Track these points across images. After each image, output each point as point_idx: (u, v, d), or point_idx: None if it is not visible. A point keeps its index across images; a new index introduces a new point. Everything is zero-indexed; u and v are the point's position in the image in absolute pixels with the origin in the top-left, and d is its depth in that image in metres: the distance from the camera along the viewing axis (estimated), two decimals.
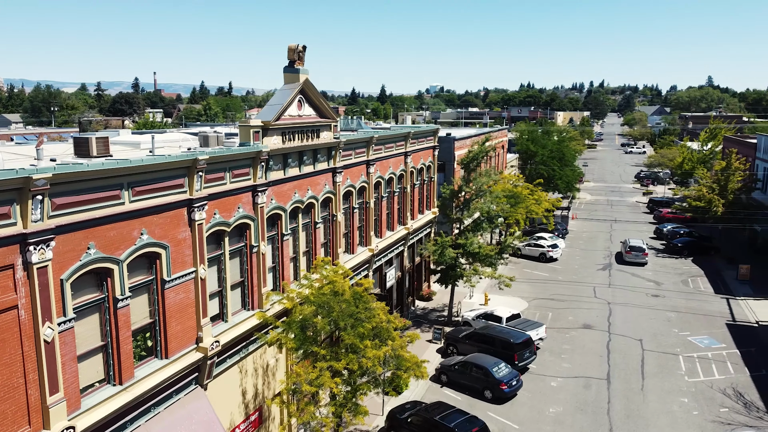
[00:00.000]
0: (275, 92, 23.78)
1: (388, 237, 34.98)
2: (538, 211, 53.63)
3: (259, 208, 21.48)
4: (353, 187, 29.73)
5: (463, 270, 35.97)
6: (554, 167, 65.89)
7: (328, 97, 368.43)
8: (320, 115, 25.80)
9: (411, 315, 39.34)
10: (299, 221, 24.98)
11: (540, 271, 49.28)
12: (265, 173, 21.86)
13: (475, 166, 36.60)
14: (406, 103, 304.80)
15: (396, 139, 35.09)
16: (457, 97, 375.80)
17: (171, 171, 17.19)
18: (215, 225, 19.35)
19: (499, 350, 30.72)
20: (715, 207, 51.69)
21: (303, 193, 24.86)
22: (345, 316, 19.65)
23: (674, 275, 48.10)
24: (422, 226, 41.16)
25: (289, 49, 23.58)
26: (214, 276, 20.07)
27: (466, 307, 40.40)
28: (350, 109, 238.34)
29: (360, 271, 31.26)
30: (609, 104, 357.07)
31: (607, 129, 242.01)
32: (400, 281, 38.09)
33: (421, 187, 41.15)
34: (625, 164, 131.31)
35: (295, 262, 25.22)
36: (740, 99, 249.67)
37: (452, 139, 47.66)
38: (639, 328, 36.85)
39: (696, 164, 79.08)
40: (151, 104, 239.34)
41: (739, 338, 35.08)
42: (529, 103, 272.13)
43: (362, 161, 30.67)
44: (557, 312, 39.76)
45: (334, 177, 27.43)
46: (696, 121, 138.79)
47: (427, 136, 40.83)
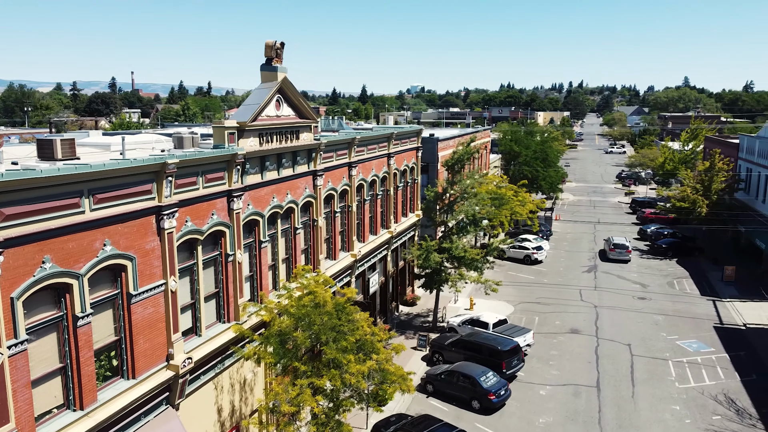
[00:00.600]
0: (252, 92, 22.54)
1: (371, 241, 33.87)
2: (523, 212, 52.69)
3: (234, 214, 20.23)
4: (335, 190, 28.57)
5: (449, 275, 34.99)
6: (538, 168, 65.31)
7: (309, 97, 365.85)
8: (300, 116, 24.60)
9: (395, 321, 38.28)
10: (278, 227, 23.76)
11: (525, 274, 48.55)
12: (241, 177, 20.61)
13: (459, 168, 35.65)
14: (387, 103, 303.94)
15: (378, 141, 34.00)
16: (437, 98, 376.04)
17: (137, 176, 15.89)
18: (187, 233, 18.07)
19: (486, 358, 29.78)
20: (700, 208, 51.41)
21: (282, 198, 23.64)
22: (327, 330, 18.49)
23: (659, 277, 47.68)
24: (406, 229, 40.13)
25: (266, 45, 22.36)
26: (187, 288, 18.78)
27: (451, 312, 39.44)
28: (331, 109, 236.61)
29: (342, 278, 30.11)
30: (588, 104, 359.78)
31: (587, 129, 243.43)
32: (383, 286, 37.00)
33: (405, 190, 40.11)
34: (605, 164, 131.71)
35: (274, 270, 23.99)
36: (717, 99, 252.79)
37: (435, 140, 46.71)
38: (627, 332, 36.20)
39: (677, 164, 79.17)
40: (129, 104, 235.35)
41: (728, 342, 34.58)
42: (510, 104, 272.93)
43: (344, 163, 29.52)
44: (544, 316, 38.98)
45: (315, 180, 26.25)
46: (675, 121, 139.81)
47: (410, 137, 39.80)
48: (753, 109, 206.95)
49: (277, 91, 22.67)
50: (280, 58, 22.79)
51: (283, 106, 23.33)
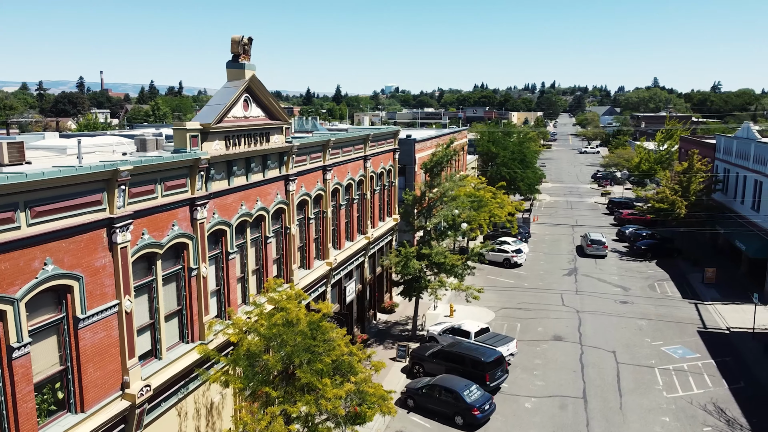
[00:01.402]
0: (217, 91, 20.85)
1: (347, 248, 32.33)
2: (501, 215, 51.85)
3: (198, 224, 18.52)
4: (308, 195, 26.97)
5: (428, 282, 33.61)
6: (516, 169, 64.45)
7: (283, 98, 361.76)
8: (270, 117, 22.96)
9: (372, 330, 36.78)
10: (247, 237, 22.08)
11: (505, 278, 47.47)
12: (206, 184, 18.92)
13: (439, 170, 34.31)
14: (362, 103, 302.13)
15: (354, 142, 32.48)
16: (412, 98, 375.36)
17: (84, 185, 14.13)
18: (144, 247, 16.33)
19: (469, 370, 28.46)
20: (678, 209, 50.98)
21: (251, 205, 21.97)
22: (300, 351, 16.89)
23: (640, 279, 47.04)
24: (384, 234, 38.68)
25: (232, 41, 20.69)
26: (144, 307, 17.03)
27: (430, 320, 38.08)
28: (305, 110, 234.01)
29: (317, 288, 28.52)
30: (561, 105, 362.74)
31: (560, 129, 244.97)
32: (360, 294, 35.49)
33: (382, 193, 38.65)
34: (580, 164, 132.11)
35: (243, 282, 22.31)
36: (686, 100, 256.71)
37: (413, 141, 45.37)
38: (611, 338, 35.27)
39: (653, 164, 79.23)
40: (98, 104, 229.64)
41: (713, 347, 33.86)
42: (484, 104, 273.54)
43: (318, 167, 27.95)
44: (526, 323, 37.88)
45: (287, 185, 24.62)
46: (648, 121, 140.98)
47: (387, 138, 38.36)
48: (721, 110, 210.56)
49: (244, 90, 21.01)
50: (248, 54, 21.14)
51: (251, 107, 21.67)
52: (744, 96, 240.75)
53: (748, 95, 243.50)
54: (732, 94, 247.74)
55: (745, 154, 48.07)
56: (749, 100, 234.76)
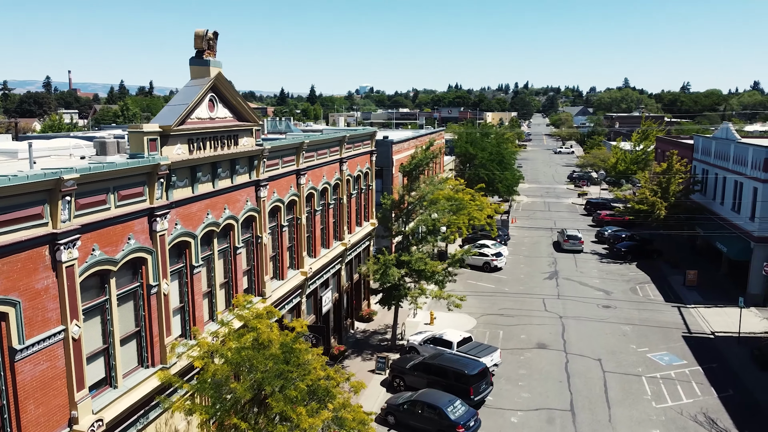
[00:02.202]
0: (179, 90, 19.14)
1: (323, 256, 30.74)
2: (481, 217, 50.74)
3: (158, 236, 16.80)
4: (281, 201, 25.33)
5: (408, 290, 32.19)
6: (494, 170, 63.48)
7: (256, 98, 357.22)
8: (239, 118, 21.29)
9: (350, 339, 35.25)
10: (214, 248, 20.38)
11: (485, 282, 46.33)
12: (166, 192, 17.20)
13: (418, 173, 32.92)
14: (337, 103, 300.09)
15: (330, 144, 30.92)
16: (387, 98, 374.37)
17: (21, 197, 12.37)
18: (94, 264, 14.59)
19: (452, 383, 27.11)
20: (658, 210, 50.45)
21: (218, 214, 20.28)
22: (272, 377, 15.31)
23: (622, 282, 46.32)
24: (361, 240, 37.17)
25: (195, 36, 18.98)
26: (96, 330, 15.28)
27: (410, 328, 36.69)
28: (279, 110, 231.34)
29: (292, 299, 26.89)
30: (534, 105, 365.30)
31: (534, 129, 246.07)
32: (337, 303, 33.92)
33: (359, 197, 37.14)
34: (555, 164, 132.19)
35: (210, 298, 20.60)
36: (657, 100, 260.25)
37: (390, 142, 43.92)
38: (596, 345, 34.29)
39: (630, 165, 79.11)
40: (65, 105, 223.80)
41: (699, 353, 33.10)
42: (459, 104, 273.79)
43: (291, 171, 26.32)
44: (508, 330, 36.73)
45: (258, 191, 22.96)
46: (622, 122, 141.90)
47: (363, 140, 36.86)
48: (691, 110, 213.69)
49: (210, 89, 19.32)
50: (214, 50, 19.45)
51: (217, 107, 19.98)
52: (712, 96, 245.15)
53: (716, 96, 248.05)
54: (701, 95, 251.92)
55: (724, 155, 47.72)
56: (717, 100, 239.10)
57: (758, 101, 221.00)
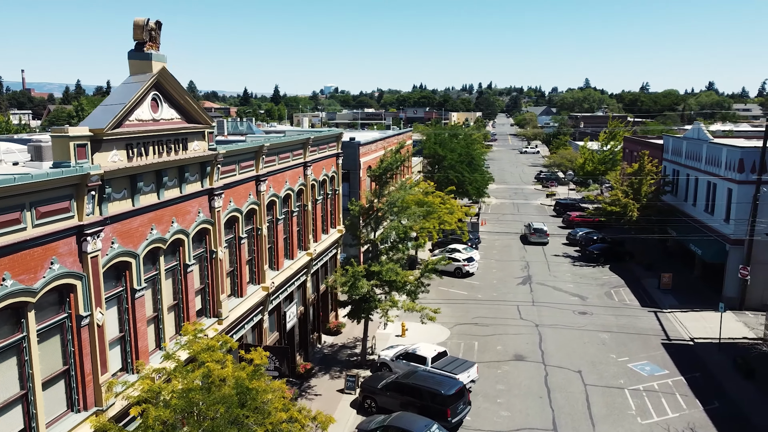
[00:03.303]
0: (115, 88, 16.68)
1: (287, 268, 28.46)
2: (451, 221, 49.32)
3: (89, 259, 14.36)
4: (239, 211, 22.98)
5: (378, 302, 30.12)
6: (464, 172, 61.93)
7: (219, 98, 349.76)
8: (188, 119, 18.91)
9: (317, 355, 33.03)
10: (161, 267, 17.96)
11: (457, 289, 44.61)
12: (99, 206, 14.77)
13: (388, 178, 30.90)
14: (301, 103, 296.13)
15: (293, 147, 28.67)
16: (352, 98, 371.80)
17: None
18: (6, 296, 12.11)
19: (428, 404, 25.18)
20: (631, 212, 49.61)
21: (165, 228, 17.87)
22: (224, 425, 13.06)
23: (596, 286, 45.19)
24: (328, 248, 34.99)
25: (135, 25, 16.55)
26: (12, 374, 12.80)
27: (381, 341, 34.67)
28: (242, 110, 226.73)
29: (252, 317, 24.54)
30: (498, 105, 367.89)
31: (499, 129, 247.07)
32: (303, 317, 31.68)
33: (325, 203, 34.95)
34: (522, 164, 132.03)
35: (157, 323, 18.16)
36: (618, 100, 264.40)
37: (356, 144, 41.79)
38: (575, 355, 32.85)
39: (597, 165, 78.71)
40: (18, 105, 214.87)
41: (680, 361, 31.94)
42: (424, 104, 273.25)
43: (250, 177, 24.00)
44: (483, 340, 35.02)
45: (212, 200, 20.59)
46: (587, 122, 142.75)
47: (329, 142, 34.68)
48: (650, 110, 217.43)
49: (152, 87, 16.91)
50: (156, 42, 17.05)
51: (162, 107, 17.58)
52: (671, 96, 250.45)
53: (674, 96, 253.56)
54: (660, 95, 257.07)
55: (696, 155, 47.07)
56: (676, 100, 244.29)
57: (715, 101, 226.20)
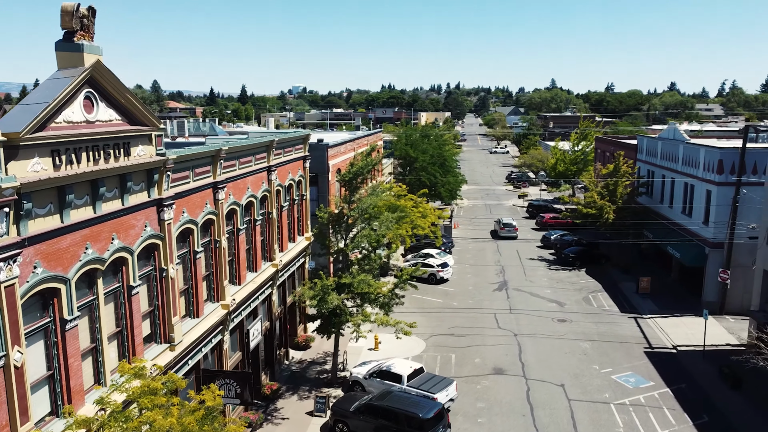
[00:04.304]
0: (39, 84, 14.27)
1: (249, 282, 26.18)
2: (424, 225, 47.56)
3: (2, 288, 11.98)
4: (194, 222, 20.66)
5: (350, 315, 28.06)
6: (436, 174, 60.24)
7: (185, 98, 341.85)
8: (131, 121, 16.57)
9: (285, 372, 30.81)
10: (99, 291, 15.59)
11: (432, 296, 42.82)
12: (17, 225, 12.40)
13: (359, 183, 28.86)
14: (269, 103, 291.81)
15: (255, 151, 26.40)
16: (320, 98, 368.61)
17: None
18: None
19: (404, 429, 23.26)
20: (607, 214, 48.55)
21: (103, 246, 15.52)
22: None
23: (573, 292, 43.92)
24: (295, 257, 32.78)
25: (62, 11, 14.18)
26: None
27: (353, 356, 32.64)
28: (208, 111, 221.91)
29: (210, 338, 22.22)
30: (467, 105, 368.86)
31: (468, 129, 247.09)
32: (268, 333, 29.42)
33: (291, 209, 32.74)
34: (492, 165, 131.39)
35: (95, 355, 15.79)
36: (584, 100, 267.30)
37: (325, 146, 39.65)
38: (556, 367, 31.32)
39: (569, 165, 77.96)
40: None
41: (665, 371, 30.69)
42: (393, 104, 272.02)
43: (207, 184, 21.70)
44: (461, 353, 33.27)
45: (161, 212, 18.26)
46: (556, 121, 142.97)
47: (295, 144, 32.48)
48: (616, 109, 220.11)
49: (85, 83, 14.56)
50: (90, 32, 14.70)
51: (98, 107, 15.22)
52: (635, 96, 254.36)
53: (638, 96, 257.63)
54: (625, 95, 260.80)
55: (672, 156, 46.21)
56: (640, 100, 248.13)
57: (679, 101, 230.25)
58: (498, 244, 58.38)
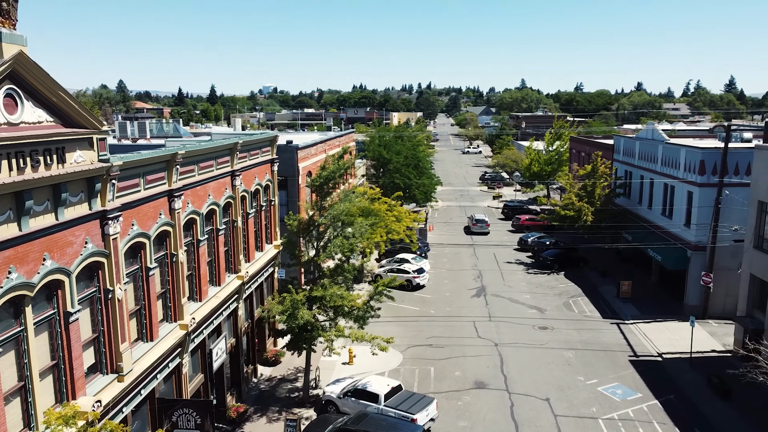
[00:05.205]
0: None
1: (212, 297, 24.06)
2: (399, 229, 45.83)
3: None
4: (146, 235, 18.51)
5: (322, 331, 26.13)
6: (410, 176, 58.56)
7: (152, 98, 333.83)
8: (66, 123, 14.41)
9: (253, 392, 28.72)
10: (27, 321, 13.43)
11: (408, 304, 41.08)
12: None
13: (330, 188, 26.93)
14: (239, 104, 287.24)
15: (217, 154, 24.29)
16: (291, 98, 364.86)
17: None
18: None
19: None
20: (585, 216, 47.51)
21: (32, 269, 13.35)
22: None
23: (553, 296, 42.64)
24: (264, 267, 30.73)
25: None
26: None
27: (326, 371, 30.70)
28: (176, 111, 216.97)
29: (168, 363, 20.07)
30: (438, 105, 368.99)
31: (440, 129, 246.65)
32: (234, 350, 27.30)
33: (258, 216, 30.66)
34: (465, 165, 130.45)
35: (24, 395, 13.60)
36: (554, 100, 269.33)
37: (294, 148, 37.62)
38: (540, 379, 29.85)
39: (544, 166, 77.13)
40: None
41: (652, 382, 29.46)
42: (364, 104, 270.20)
43: (161, 192, 19.55)
44: (440, 365, 31.58)
45: (105, 226, 16.09)
46: (528, 121, 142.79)
47: (261, 146, 30.41)
48: (586, 109, 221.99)
49: (5, 78, 12.39)
50: (10, 19, 12.55)
51: (23, 106, 13.05)
52: (603, 96, 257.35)
53: (606, 95, 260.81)
54: (593, 95, 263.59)
55: (651, 156, 45.32)
56: (609, 100, 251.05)
57: (647, 101, 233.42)
58: (474, 247, 56.94)
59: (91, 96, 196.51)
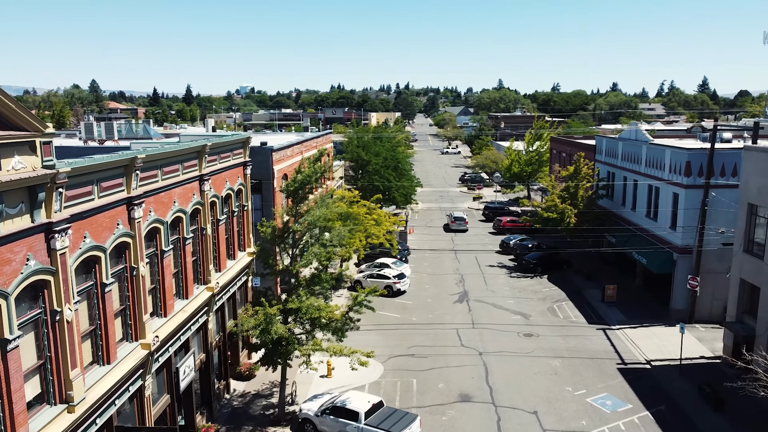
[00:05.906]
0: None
1: (179, 311, 22.35)
2: (379, 233, 44.46)
3: None
4: (100, 248, 16.78)
5: (298, 345, 24.58)
6: (390, 178, 57.15)
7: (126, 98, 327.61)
8: (0, 125, 12.68)
9: (225, 409, 27.04)
10: None
11: (389, 311, 39.65)
12: None
13: (306, 192, 25.38)
14: (215, 104, 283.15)
15: (183, 158, 22.59)
16: (269, 98, 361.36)
17: None
18: None
19: None
20: (568, 218, 46.58)
21: None
22: None
23: (537, 301, 41.57)
24: (236, 276, 29.04)
25: None
26: None
27: (303, 385, 29.12)
28: (151, 111, 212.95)
29: (128, 386, 18.34)
30: (417, 105, 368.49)
31: (418, 129, 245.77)
32: (204, 366, 25.60)
33: (230, 222, 28.96)
34: (444, 165, 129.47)
35: None
36: (532, 100, 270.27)
37: (269, 150, 35.91)
38: (527, 390, 28.65)
39: (524, 166, 76.33)
40: None
41: (642, 391, 28.45)
42: (343, 104, 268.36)
43: (119, 200, 17.84)
44: (423, 377, 30.22)
45: (51, 240, 14.37)
46: (507, 121, 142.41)
47: (233, 148, 28.72)
48: (563, 109, 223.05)
49: None
50: None
51: None
52: (580, 96, 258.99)
53: (583, 96, 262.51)
54: (570, 95, 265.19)
55: (634, 157, 44.54)
56: (586, 100, 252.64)
57: (622, 101, 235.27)
58: (455, 250, 55.72)
59: (63, 96, 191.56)
